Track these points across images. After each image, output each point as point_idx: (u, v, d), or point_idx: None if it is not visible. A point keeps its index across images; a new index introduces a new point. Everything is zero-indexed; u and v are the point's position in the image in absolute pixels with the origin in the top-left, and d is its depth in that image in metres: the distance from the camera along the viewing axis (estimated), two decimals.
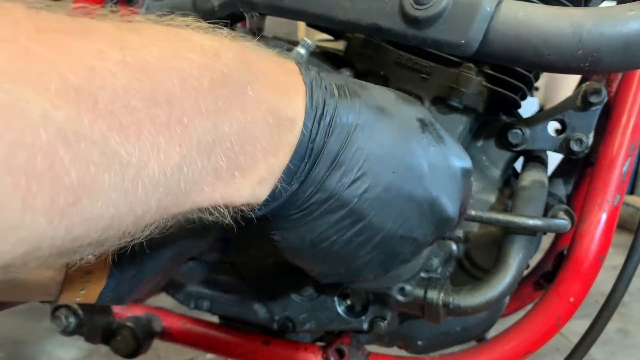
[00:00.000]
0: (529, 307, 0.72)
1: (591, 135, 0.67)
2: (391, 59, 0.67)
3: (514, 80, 0.66)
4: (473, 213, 0.63)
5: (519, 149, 0.70)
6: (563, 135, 0.68)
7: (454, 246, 0.70)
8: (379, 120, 0.41)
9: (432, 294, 0.63)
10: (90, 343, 0.82)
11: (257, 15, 0.73)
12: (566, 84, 2.44)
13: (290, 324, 0.73)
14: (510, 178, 0.74)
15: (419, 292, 0.63)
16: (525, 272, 0.81)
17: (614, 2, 0.64)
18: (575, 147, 0.67)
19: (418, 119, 0.43)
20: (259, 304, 0.74)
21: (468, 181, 0.47)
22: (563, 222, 0.62)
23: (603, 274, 0.68)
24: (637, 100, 0.68)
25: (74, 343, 1.43)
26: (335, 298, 0.71)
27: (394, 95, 0.44)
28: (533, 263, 0.83)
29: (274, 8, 0.63)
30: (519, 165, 0.75)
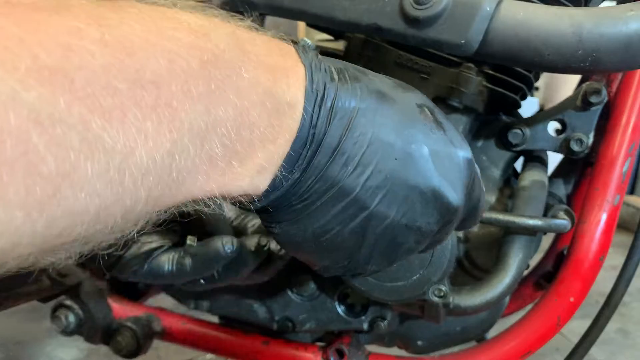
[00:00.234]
0: (529, 307, 0.72)
1: (591, 135, 0.67)
2: (391, 59, 0.67)
3: (514, 80, 0.66)
4: None
5: (519, 149, 0.70)
6: (563, 135, 0.68)
7: None
8: (381, 105, 0.39)
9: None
10: (90, 343, 0.82)
11: (257, 15, 0.73)
12: (566, 84, 2.44)
13: (290, 324, 0.73)
14: (510, 178, 0.74)
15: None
16: (526, 272, 0.80)
17: (614, 2, 0.64)
18: (575, 147, 0.67)
19: (418, 105, 0.42)
20: (259, 304, 0.74)
21: (472, 170, 0.45)
22: (563, 222, 0.62)
23: (603, 273, 0.68)
24: (637, 100, 0.68)
25: (74, 343, 1.43)
26: (335, 298, 0.71)
27: (392, 81, 0.43)
28: (533, 263, 0.83)
29: (273, 8, 0.63)
30: (519, 165, 0.76)
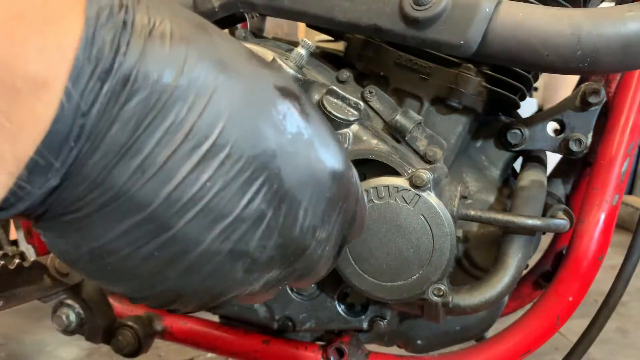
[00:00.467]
0: (528, 307, 0.73)
1: (590, 135, 0.67)
2: (391, 59, 0.68)
3: (513, 80, 0.67)
4: (472, 213, 0.63)
5: (518, 149, 0.70)
6: (562, 135, 0.68)
7: None
8: (220, 83, 0.28)
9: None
10: (91, 342, 0.82)
11: (258, 16, 0.74)
12: (565, 85, 2.44)
13: (290, 324, 0.73)
14: (509, 178, 0.74)
15: None
16: (525, 272, 0.81)
17: (613, 3, 0.64)
18: (574, 147, 0.67)
19: (278, 88, 0.31)
20: (259, 303, 0.74)
21: (341, 182, 0.35)
22: (562, 222, 0.62)
23: (602, 273, 0.68)
24: (636, 100, 0.68)
25: (75, 342, 1.43)
26: (335, 297, 0.72)
27: (246, 51, 0.31)
28: (532, 263, 0.83)
29: (274, 9, 0.63)
30: (518, 165, 0.76)
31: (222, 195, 0.29)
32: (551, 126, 0.69)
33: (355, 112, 0.62)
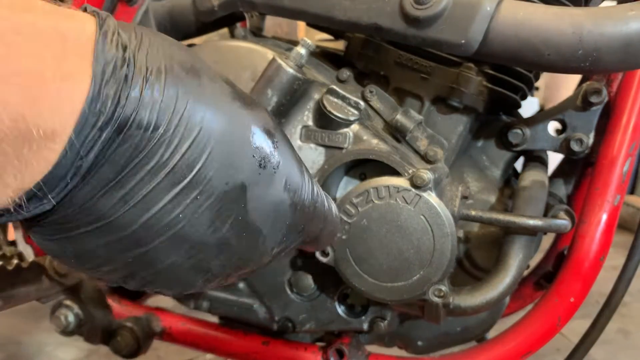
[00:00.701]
0: (530, 307, 0.72)
1: (591, 135, 0.67)
2: (391, 58, 0.67)
3: (514, 80, 0.66)
4: (473, 213, 0.63)
5: (519, 149, 0.70)
6: (563, 135, 0.68)
7: None
8: (200, 123, 0.31)
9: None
10: (90, 343, 0.82)
11: (257, 15, 0.73)
12: (566, 84, 2.44)
13: (290, 325, 0.73)
14: (510, 178, 0.74)
15: None
16: (526, 272, 0.80)
17: (614, 2, 0.64)
18: (575, 147, 0.67)
19: (255, 128, 0.35)
20: (259, 304, 0.74)
21: (304, 215, 0.40)
22: (563, 222, 0.62)
23: (603, 274, 0.68)
24: (638, 100, 0.68)
25: (74, 343, 1.43)
26: (335, 298, 0.71)
27: (230, 90, 0.35)
28: (533, 263, 0.83)
29: (273, 8, 0.63)
30: (519, 165, 0.75)
31: (192, 224, 0.33)
32: (552, 126, 0.69)
33: (356, 112, 0.61)
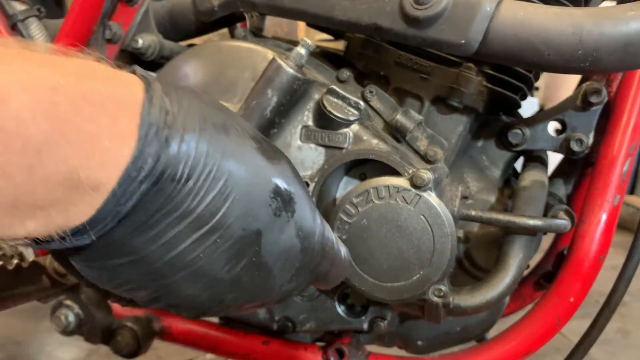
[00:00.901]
0: (529, 307, 0.72)
1: (591, 135, 0.67)
2: (391, 59, 0.67)
3: (514, 80, 0.66)
4: (473, 213, 0.63)
5: (519, 149, 0.70)
6: (563, 135, 0.68)
7: None
8: (225, 178, 0.36)
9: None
10: (90, 343, 0.82)
11: (257, 15, 0.74)
12: (566, 84, 2.44)
13: (290, 324, 0.73)
14: (510, 178, 0.74)
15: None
16: (526, 272, 0.80)
17: (614, 2, 0.64)
18: (575, 147, 0.67)
19: (275, 180, 0.39)
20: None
21: (313, 257, 0.44)
22: (563, 222, 0.62)
23: (603, 273, 0.68)
24: (638, 100, 0.68)
25: (74, 343, 1.43)
26: (335, 298, 0.71)
27: (256, 147, 0.39)
28: (533, 263, 0.83)
29: (273, 8, 0.63)
30: (519, 165, 0.76)
31: (210, 263, 0.37)
32: (552, 126, 0.69)
33: (356, 112, 0.61)
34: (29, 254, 0.75)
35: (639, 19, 0.50)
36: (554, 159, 0.79)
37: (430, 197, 0.57)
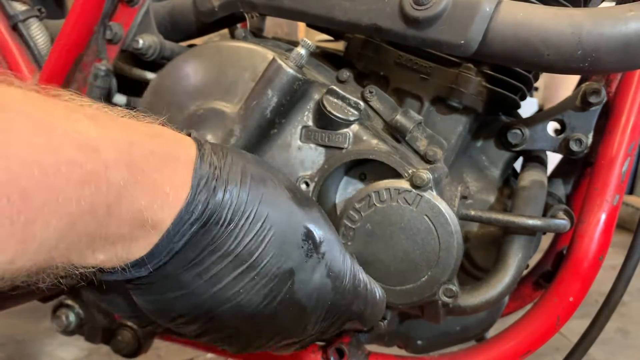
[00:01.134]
0: (529, 307, 0.72)
1: (590, 135, 0.67)
2: (391, 59, 0.68)
3: (513, 80, 0.67)
4: (472, 213, 0.63)
5: (518, 149, 0.70)
6: (562, 135, 0.68)
7: None
8: (261, 222, 0.41)
9: None
10: (91, 343, 0.82)
11: (257, 16, 0.74)
12: (565, 84, 2.44)
13: None
14: (509, 178, 0.74)
15: None
16: (525, 272, 0.81)
17: (614, 3, 0.64)
18: (574, 147, 0.67)
19: (306, 225, 0.44)
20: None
21: (346, 296, 0.48)
22: (562, 222, 0.62)
23: (602, 273, 0.68)
24: (637, 100, 0.68)
25: (75, 343, 1.43)
26: None
27: (289, 196, 0.45)
28: (532, 263, 0.83)
29: (274, 8, 0.63)
30: (518, 165, 0.76)
31: (249, 298, 0.42)
32: (552, 126, 0.69)
33: (356, 112, 0.62)
34: None
35: (639, 19, 0.51)
36: (554, 159, 0.79)
37: (432, 197, 0.57)
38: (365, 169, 0.65)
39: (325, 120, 0.62)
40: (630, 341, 1.59)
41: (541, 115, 0.69)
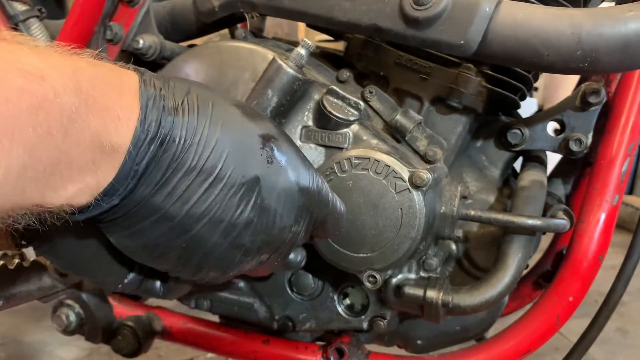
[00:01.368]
0: (528, 307, 0.73)
1: (590, 135, 0.67)
2: (391, 59, 0.68)
3: (513, 80, 0.67)
4: (472, 213, 0.63)
5: (518, 149, 0.70)
6: (562, 135, 0.68)
7: (454, 246, 0.70)
8: (216, 137, 0.43)
9: (432, 294, 0.63)
10: (91, 342, 0.82)
11: (258, 16, 0.74)
12: (565, 85, 2.44)
13: (290, 324, 0.74)
14: (509, 178, 0.74)
15: (418, 292, 0.64)
16: (525, 272, 0.81)
17: (613, 3, 0.64)
18: (574, 147, 0.67)
19: (260, 135, 0.46)
20: (259, 303, 0.74)
21: (309, 194, 0.50)
22: (562, 222, 0.62)
23: (602, 273, 0.68)
24: (636, 100, 0.68)
25: (75, 342, 1.43)
26: (335, 297, 0.72)
27: (239, 111, 0.46)
28: (532, 262, 0.84)
29: (274, 9, 0.63)
30: (518, 165, 0.76)
31: (222, 209, 0.44)
32: (551, 126, 0.69)
33: (356, 112, 0.62)
34: (30, 254, 0.75)
35: (638, 19, 0.51)
36: (553, 159, 0.79)
37: (418, 197, 0.57)
38: None
39: (325, 120, 0.62)
40: (629, 341, 1.60)
41: (541, 115, 0.70)
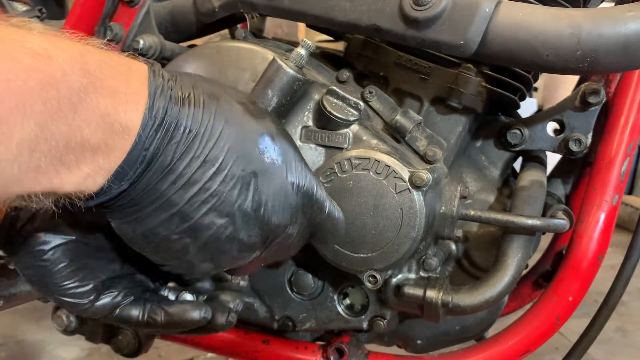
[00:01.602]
0: (528, 307, 0.73)
1: (590, 136, 0.67)
2: (391, 59, 0.68)
3: (513, 80, 0.67)
4: (472, 213, 0.63)
5: (517, 149, 0.70)
6: (562, 135, 0.68)
7: (453, 246, 0.70)
8: (220, 131, 0.44)
9: (431, 294, 0.63)
10: (92, 342, 0.82)
11: (258, 16, 0.74)
12: (565, 85, 2.44)
13: (290, 323, 0.74)
14: (509, 178, 0.74)
15: (418, 292, 0.64)
16: (524, 272, 0.81)
17: (613, 3, 0.64)
18: (574, 147, 0.67)
19: (260, 133, 0.48)
20: (259, 303, 0.75)
21: (306, 196, 0.51)
22: (562, 222, 0.62)
23: (602, 273, 0.69)
24: (636, 100, 0.68)
25: (75, 342, 1.43)
26: (335, 297, 0.72)
27: (242, 108, 0.48)
28: (532, 262, 0.84)
29: (274, 9, 0.64)
30: (518, 165, 0.76)
31: (222, 200, 0.45)
32: (551, 126, 0.69)
33: (355, 112, 0.62)
34: None
35: (638, 19, 0.51)
36: (553, 159, 0.79)
37: (418, 197, 0.57)
38: None
39: (325, 121, 0.62)
40: (629, 340, 1.60)
41: (540, 115, 0.70)
